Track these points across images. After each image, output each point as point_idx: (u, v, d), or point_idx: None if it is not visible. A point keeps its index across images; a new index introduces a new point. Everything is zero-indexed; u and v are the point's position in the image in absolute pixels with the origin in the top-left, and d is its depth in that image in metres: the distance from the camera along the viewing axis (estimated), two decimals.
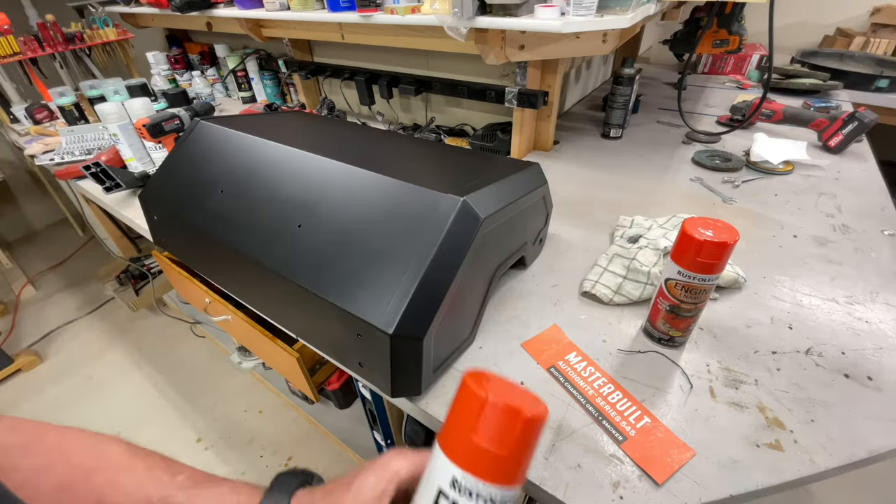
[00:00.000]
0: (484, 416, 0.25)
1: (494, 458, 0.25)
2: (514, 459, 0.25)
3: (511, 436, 0.25)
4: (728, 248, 0.44)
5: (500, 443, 0.25)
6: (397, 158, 0.69)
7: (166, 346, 1.75)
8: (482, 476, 0.25)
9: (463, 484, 0.25)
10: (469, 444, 0.25)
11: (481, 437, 0.25)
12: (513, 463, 0.25)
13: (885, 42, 1.59)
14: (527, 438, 0.25)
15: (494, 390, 0.25)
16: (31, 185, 2.44)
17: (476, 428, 0.25)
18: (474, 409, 0.25)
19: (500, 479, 0.25)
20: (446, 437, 0.26)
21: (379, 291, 0.45)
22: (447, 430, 0.27)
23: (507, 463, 0.25)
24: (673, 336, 0.53)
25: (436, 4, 0.77)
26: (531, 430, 0.25)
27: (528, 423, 0.25)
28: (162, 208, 0.73)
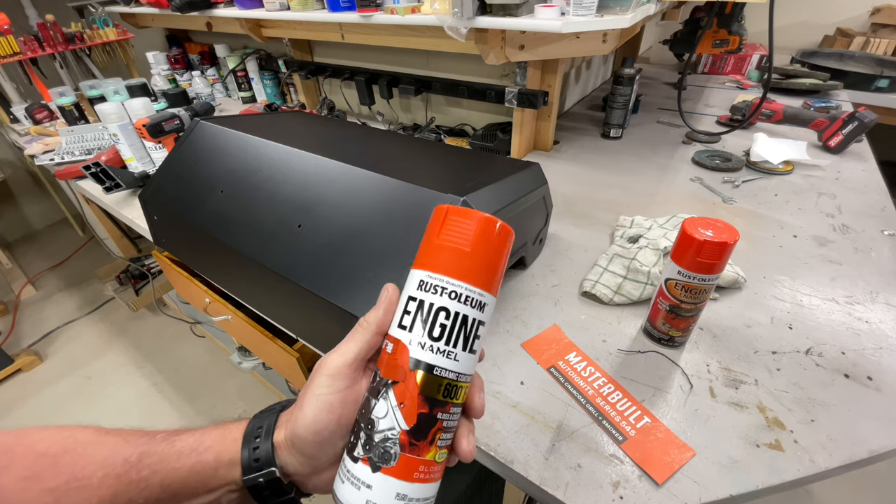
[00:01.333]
0: (446, 221, 0.26)
1: (456, 253, 0.26)
2: (476, 257, 0.26)
3: (468, 232, 0.26)
4: (728, 248, 0.44)
5: (461, 241, 0.26)
6: (397, 158, 0.69)
7: (166, 346, 1.75)
8: (445, 271, 0.25)
9: (428, 282, 0.26)
10: (432, 247, 0.26)
11: (443, 238, 0.26)
12: (474, 260, 0.26)
13: (885, 42, 1.60)
14: (486, 238, 0.26)
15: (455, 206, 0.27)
16: (31, 185, 2.44)
17: (438, 234, 0.26)
18: (438, 221, 0.27)
19: (465, 275, 0.25)
20: (416, 260, 0.27)
21: (379, 291, 0.45)
22: (417, 255, 0.27)
23: (469, 259, 0.26)
24: (673, 336, 0.53)
25: (436, 4, 0.77)
26: (490, 229, 0.26)
27: (485, 221, 0.26)
28: (162, 208, 0.73)
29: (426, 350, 0.25)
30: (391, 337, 0.26)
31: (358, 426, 0.26)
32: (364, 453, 0.24)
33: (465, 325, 0.25)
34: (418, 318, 0.26)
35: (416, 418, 0.24)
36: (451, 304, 0.25)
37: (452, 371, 0.25)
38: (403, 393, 0.25)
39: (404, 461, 0.24)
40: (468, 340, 0.26)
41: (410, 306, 0.26)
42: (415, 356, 0.25)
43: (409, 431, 0.24)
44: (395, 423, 0.24)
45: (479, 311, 0.26)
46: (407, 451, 0.24)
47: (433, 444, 0.25)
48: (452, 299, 0.25)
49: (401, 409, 0.24)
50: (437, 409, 0.25)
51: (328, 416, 0.26)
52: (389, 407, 0.25)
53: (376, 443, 0.24)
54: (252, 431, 0.28)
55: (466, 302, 0.25)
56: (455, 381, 0.25)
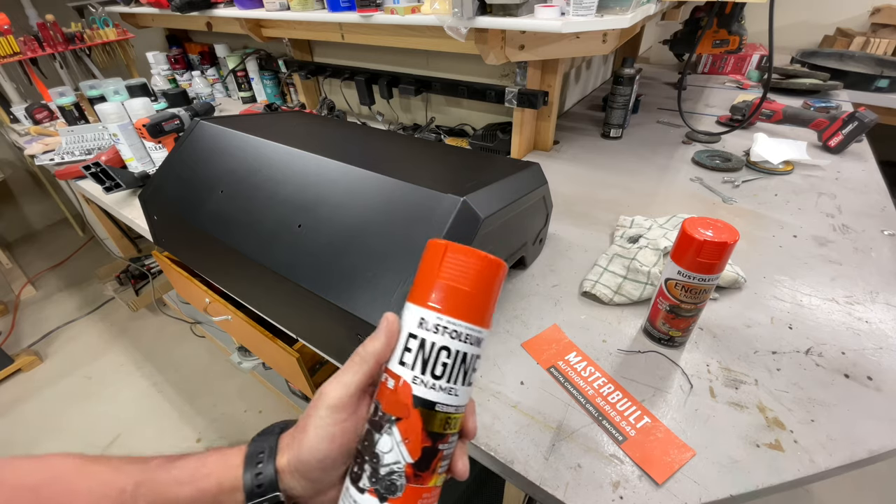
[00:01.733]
0: (446, 259, 0.27)
1: (455, 293, 0.26)
2: (474, 296, 0.27)
3: (467, 271, 0.26)
4: (728, 248, 0.44)
5: (459, 279, 0.26)
6: (397, 158, 0.69)
7: (166, 346, 1.75)
8: (446, 310, 0.26)
9: (428, 321, 0.26)
10: (432, 285, 0.27)
11: (443, 277, 0.27)
12: (473, 299, 0.27)
13: (885, 42, 1.60)
14: (484, 276, 0.27)
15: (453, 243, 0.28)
16: (31, 185, 2.44)
17: (438, 272, 0.27)
18: (437, 257, 0.27)
19: (464, 314, 0.26)
20: (413, 292, 0.28)
21: (379, 291, 0.45)
22: (414, 287, 0.28)
23: (468, 298, 0.26)
24: (673, 336, 0.53)
25: (436, 4, 0.77)
26: (487, 268, 0.27)
27: (484, 260, 0.27)
28: (162, 208, 0.73)
29: (429, 388, 0.26)
30: (392, 373, 0.27)
31: (361, 458, 0.26)
32: (370, 485, 0.25)
33: (464, 362, 0.27)
34: (420, 356, 0.26)
35: (420, 452, 0.26)
36: (452, 344, 0.26)
37: (452, 405, 0.26)
38: (407, 429, 0.26)
39: (410, 491, 0.25)
40: (466, 374, 0.27)
41: (411, 344, 0.27)
42: (418, 394, 0.26)
43: (413, 464, 0.25)
44: (401, 457, 0.25)
45: (477, 346, 0.27)
46: (412, 481, 0.25)
47: (434, 472, 0.26)
48: (453, 339, 0.26)
49: (405, 444, 0.26)
50: (438, 441, 0.26)
51: (330, 445, 0.26)
52: (394, 442, 0.26)
53: (382, 476, 0.25)
54: (253, 456, 0.28)
55: (466, 340, 0.26)
56: (454, 414, 0.27)
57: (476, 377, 0.28)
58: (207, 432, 1.43)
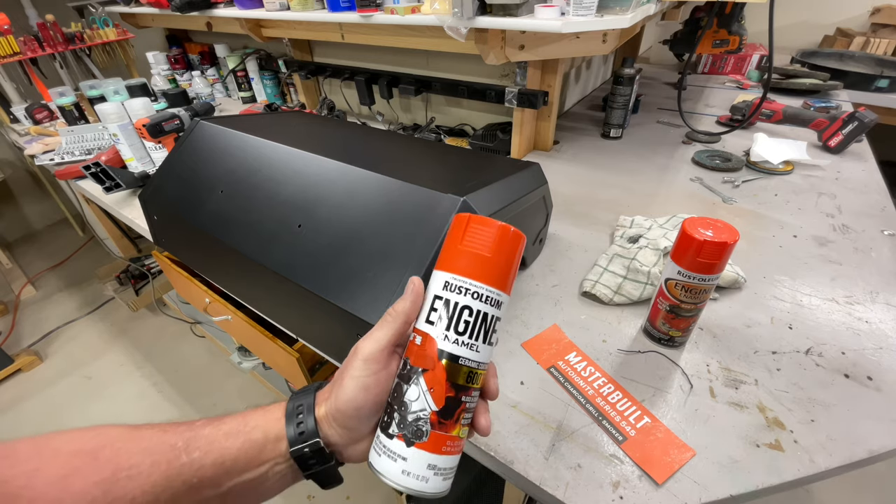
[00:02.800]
0: (468, 229, 0.30)
1: (477, 258, 0.29)
2: (494, 261, 0.29)
3: (489, 239, 0.29)
4: (728, 248, 0.44)
5: (481, 246, 0.29)
6: (397, 158, 0.69)
7: (166, 346, 1.75)
8: (468, 274, 0.29)
9: (453, 283, 0.29)
10: (456, 252, 0.30)
11: (466, 244, 0.29)
12: (493, 264, 0.29)
13: (885, 42, 1.59)
14: (504, 244, 0.29)
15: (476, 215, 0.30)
16: (31, 185, 2.44)
17: (461, 241, 0.30)
18: (460, 228, 0.30)
19: (485, 277, 0.29)
20: (439, 261, 0.31)
21: (379, 291, 0.45)
22: (440, 257, 0.31)
23: (488, 263, 0.29)
24: (673, 336, 0.53)
25: (436, 4, 0.77)
26: (507, 237, 0.29)
27: (503, 229, 0.29)
28: (162, 208, 0.73)
29: (452, 343, 0.29)
30: (419, 331, 0.30)
31: (391, 407, 0.29)
32: (399, 431, 0.28)
33: (485, 321, 0.29)
34: (444, 314, 0.29)
35: (444, 401, 0.28)
36: (474, 303, 0.29)
37: (474, 360, 0.29)
38: (433, 379, 0.28)
39: (434, 437, 0.28)
40: (487, 334, 0.29)
41: (437, 304, 0.29)
42: (442, 348, 0.28)
43: (438, 412, 0.28)
44: (426, 405, 0.28)
45: (497, 308, 0.29)
46: (436, 428, 0.28)
47: (458, 422, 0.29)
48: (475, 299, 0.29)
49: (431, 394, 0.28)
50: (461, 392, 0.29)
51: (365, 394, 0.29)
52: (421, 391, 0.28)
53: (409, 422, 0.28)
54: (294, 410, 0.30)
55: (487, 301, 0.29)
56: (476, 369, 0.29)
57: (497, 337, 0.30)
58: None
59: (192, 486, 0.28)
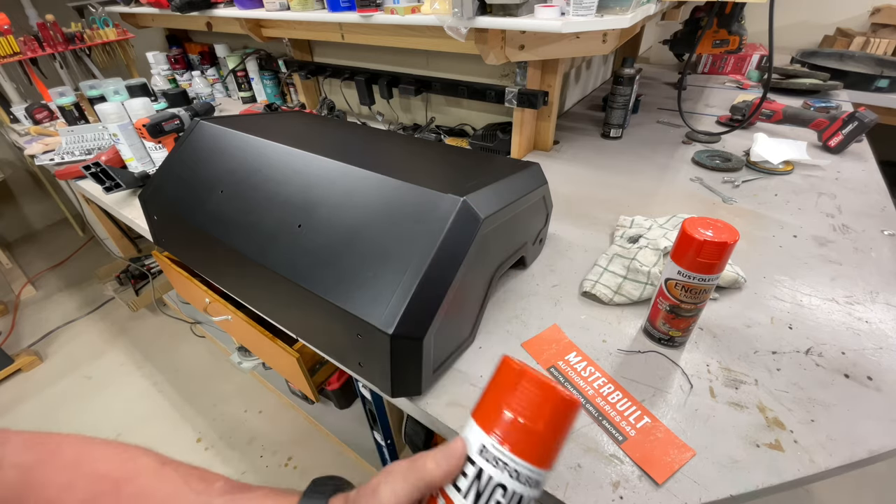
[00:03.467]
0: (519, 387, 0.26)
1: (524, 430, 0.25)
2: (544, 437, 0.25)
3: (540, 407, 0.25)
4: (728, 248, 0.44)
5: (531, 416, 0.25)
6: (397, 158, 0.69)
7: (166, 346, 1.75)
8: (511, 447, 0.25)
9: (491, 452, 0.25)
10: (501, 414, 0.26)
11: (514, 407, 0.25)
12: (542, 440, 0.25)
13: (885, 42, 1.59)
14: (558, 417, 0.25)
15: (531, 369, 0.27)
16: (31, 185, 2.44)
17: (509, 400, 0.26)
18: (510, 382, 0.26)
19: (529, 454, 0.25)
20: (480, 410, 0.27)
21: (379, 291, 0.45)
22: (481, 403, 0.27)
23: (536, 438, 0.25)
24: (673, 336, 0.53)
25: (436, 4, 0.77)
26: (563, 409, 0.26)
27: (561, 400, 0.25)
28: (162, 208, 0.73)
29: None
30: (444, 493, 0.26)
31: None
32: None
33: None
34: (475, 487, 0.25)
35: None
36: (510, 483, 0.25)
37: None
38: None
39: None
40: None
41: (468, 469, 0.26)
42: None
43: None
44: None
45: (535, 489, 0.26)
46: None
47: None
48: (512, 478, 0.25)
49: None
50: None
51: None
52: None
53: None
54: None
55: (526, 483, 0.25)
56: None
57: None
58: (208, 432, 1.43)
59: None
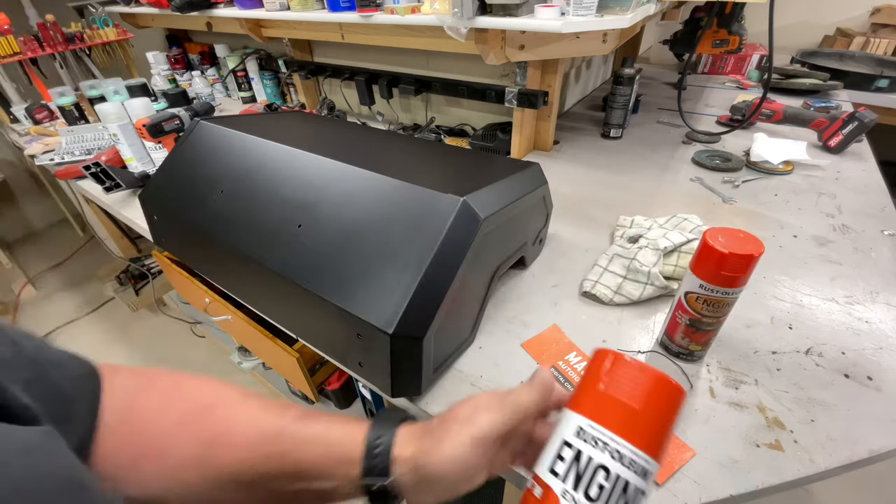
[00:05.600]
0: (613, 367, 0.26)
1: (623, 408, 0.24)
2: (644, 417, 0.24)
3: (639, 387, 0.24)
4: (753, 261, 0.42)
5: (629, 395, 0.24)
6: (397, 158, 0.69)
7: (166, 346, 1.75)
8: (610, 426, 0.24)
9: (589, 433, 0.24)
10: (595, 394, 0.25)
11: (608, 385, 0.25)
12: (643, 421, 0.24)
13: (885, 42, 1.59)
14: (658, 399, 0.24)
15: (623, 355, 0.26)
16: (31, 185, 2.44)
17: (604, 379, 0.25)
18: (603, 365, 0.26)
19: (631, 435, 0.24)
20: (574, 399, 0.27)
21: (379, 291, 0.45)
22: (576, 394, 0.27)
23: (637, 418, 0.24)
24: (693, 350, 0.51)
25: (436, 4, 0.77)
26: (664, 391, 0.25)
27: (657, 379, 0.25)
28: (162, 208, 0.73)
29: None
30: (540, 480, 0.25)
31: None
32: None
33: (625, 492, 0.23)
34: (574, 469, 0.24)
35: None
36: (613, 465, 0.23)
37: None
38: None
39: None
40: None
41: (565, 452, 0.24)
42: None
43: None
44: None
45: (643, 479, 0.24)
46: None
47: None
48: (614, 459, 0.23)
49: None
50: None
51: (461, 471, 0.28)
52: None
53: None
54: (374, 442, 0.30)
55: (630, 467, 0.23)
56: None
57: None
58: None
59: (271, 475, 0.30)
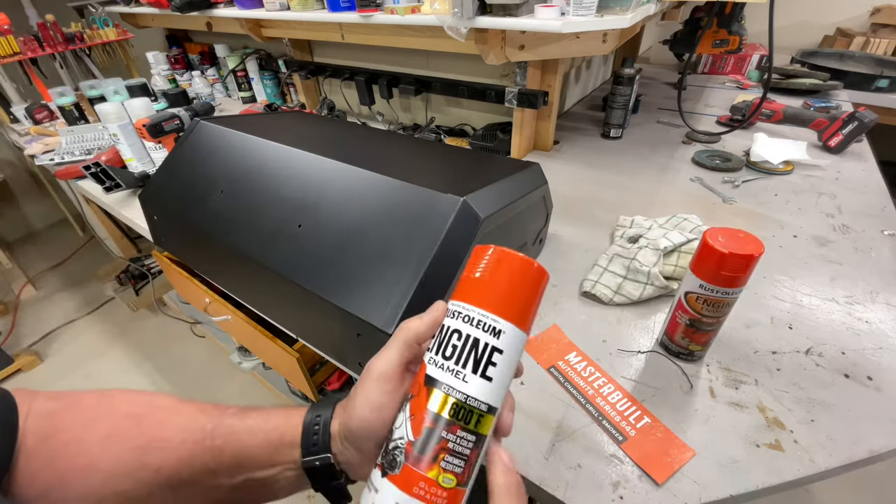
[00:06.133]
0: (471, 257, 0.29)
1: (473, 282, 0.28)
2: (486, 282, 0.28)
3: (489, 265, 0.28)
4: (754, 261, 0.42)
5: (479, 270, 0.28)
6: (397, 158, 0.69)
7: (166, 346, 1.75)
8: (463, 298, 0.28)
9: (451, 309, 0.28)
10: (461, 280, 0.29)
11: (466, 270, 0.29)
12: (484, 285, 0.27)
13: (885, 42, 1.59)
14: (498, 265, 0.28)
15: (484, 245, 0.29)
16: (31, 185, 2.44)
17: (467, 268, 0.29)
18: (472, 258, 0.29)
19: (475, 299, 0.27)
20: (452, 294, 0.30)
21: (379, 291, 0.45)
22: None
23: (479, 285, 0.28)
24: (693, 350, 0.52)
25: (436, 4, 0.77)
26: (502, 257, 0.28)
27: (498, 251, 0.28)
28: (162, 208, 0.73)
29: (437, 367, 0.27)
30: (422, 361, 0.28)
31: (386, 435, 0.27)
32: (381, 459, 0.26)
33: (475, 348, 0.26)
34: (437, 338, 0.28)
35: (421, 431, 0.25)
36: (464, 327, 0.27)
37: (460, 392, 0.26)
38: (416, 406, 0.26)
39: (406, 472, 0.25)
40: (479, 363, 0.26)
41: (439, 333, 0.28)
42: (428, 373, 0.27)
43: (413, 443, 0.25)
44: (405, 433, 0.26)
45: (494, 336, 0.26)
46: (409, 461, 0.25)
47: (436, 463, 0.25)
48: (465, 322, 0.27)
49: (411, 421, 0.26)
50: (442, 427, 0.25)
51: (378, 415, 0.28)
52: (404, 418, 0.26)
53: (389, 449, 0.26)
54: (312, 421, 0.30)
55: (479, 326, 0.26)
56: (463, 403, 0.26)
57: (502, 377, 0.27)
58: None
59: (209, 471, 0.30)
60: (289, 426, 0.31)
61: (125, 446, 0.29)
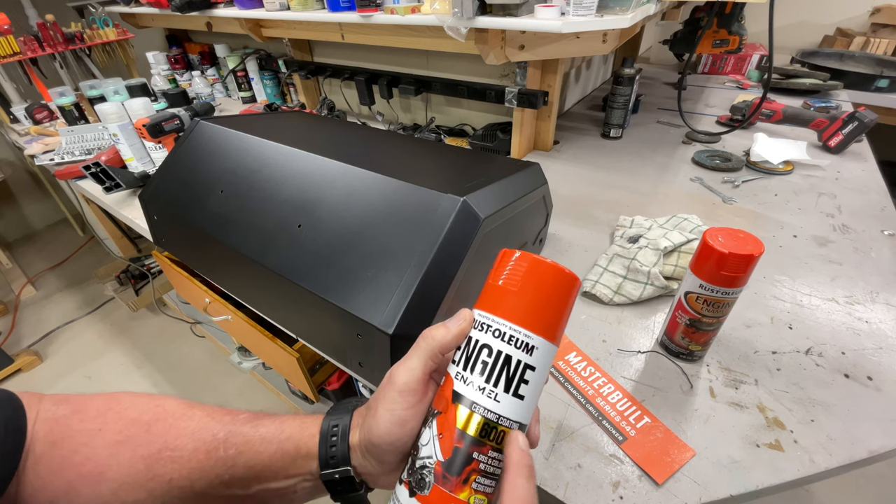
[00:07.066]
0: (500, 263, 0.28)
1: (503, 292, 0.26)
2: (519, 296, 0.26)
3: (519, 274, 0.26)
4: (754, 261, 0.42)
5: (510, 280, 0.26)
6: (397, 158, 0.69)
7: (166, 346, 1.75)
8: (493, 310, 0.26)
9: (478, 320, 0.27)
10: (486, 288, 0.28)
11: (494, 278, 0.27)
12: (517, 299, 0.26)
13: (885, 42, 1.60)
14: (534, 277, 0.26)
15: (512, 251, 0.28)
16: (31, 185, 2.44)
17: (494, 275, 0.28)
18: (499, 264, 0.28)
19: (506, 313, 0.26)
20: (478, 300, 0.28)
21: (379, 291, 0.45)
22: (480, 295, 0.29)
23: (510, 297, 0.26)
24: (693, 350, 0.52)
25: (436, 4, 0.77)
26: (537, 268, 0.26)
27: (534, 261, 0.26)
28: (162, 208, 0.73)
29: (466, 385, 0.25)
30: (447, 373, 0.27)
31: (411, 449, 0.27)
32: (407, 476, 0.25)
33: (507, 365, 0.25)
34: (465, 352, 0.26)
35: (451, 451, 0.24)
36: (495, 343, 0.25)
37: (492, 412, 0.25)
38: (443, 424, 0.25)
39: (437, 493, 0.24)
40: (511, 381, 0.25)
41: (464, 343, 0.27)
42: (456, 389, 0.25)
43: (443, 463, 0.24)
44: (433, 452, 0.25)
45: (527, 353, 0.25)
46: (440, 482, 0.24)
47: (467, 485, 0.24)
48: (496, 338, 0.25)
49: (439, 440, 0.25)
50: (473, 447, 0.24)
51: (401, 429, 0.26)
52: (431, 435, 0.25)
53: (416, 468, 0.25)
54: (328, 430, 0.29)
55: (511, 342, 0.25)
56: (495, 423, 0.25)
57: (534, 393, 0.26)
58: None
59: (223, 482, 0.29)
60: (304, 436, 0.29)
61: (135, 454, 0.28)
